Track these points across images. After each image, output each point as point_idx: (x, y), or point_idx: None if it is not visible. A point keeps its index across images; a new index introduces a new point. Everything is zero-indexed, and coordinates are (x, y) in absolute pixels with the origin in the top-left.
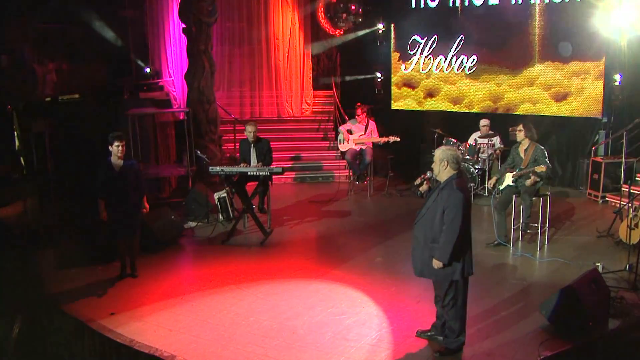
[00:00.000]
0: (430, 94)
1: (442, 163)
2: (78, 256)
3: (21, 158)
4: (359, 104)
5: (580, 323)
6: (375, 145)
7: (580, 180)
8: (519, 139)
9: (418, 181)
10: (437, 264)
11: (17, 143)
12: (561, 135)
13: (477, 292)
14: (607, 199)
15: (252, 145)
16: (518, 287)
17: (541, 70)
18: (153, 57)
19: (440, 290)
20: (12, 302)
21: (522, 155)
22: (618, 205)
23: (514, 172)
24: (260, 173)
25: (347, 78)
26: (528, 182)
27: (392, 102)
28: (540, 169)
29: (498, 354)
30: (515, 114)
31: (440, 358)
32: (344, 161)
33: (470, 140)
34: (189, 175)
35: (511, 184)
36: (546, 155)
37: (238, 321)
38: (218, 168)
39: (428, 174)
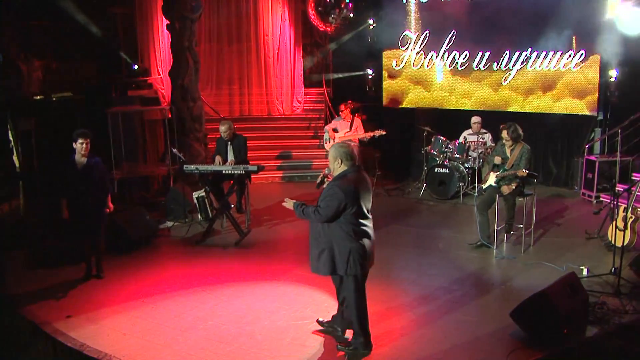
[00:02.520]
0: (421, 91)
1: (335, 161)
2: (47, 256)
3: (14, 157)
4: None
5: (553, 330)
6: (362, 142)
7: (575, 179)
8: (503, 140)
9: (319, 179)
10: (289, 203)
11: (11, 141)
12: (556, 133)
13: (450, 295)
14: (601, 199)
15: (229, 142)
16: (494, 290)
17: (534, 66)
18: (142, 55)
19: (335, 285)
20: None
21: (508, 154)
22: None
23: (498, 173)
24: (235, 172)
25: (339, 75)
26: (505, 188)
27: (384, 99)
28: (522, 173)
29: None
30: (508, 111)
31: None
32: None
33: (461, 138)
34: (170, 174)
35: (494, 184)
36: (530, 156)
37: (196, 325)
38: (192, 166)
39: (326, 171)
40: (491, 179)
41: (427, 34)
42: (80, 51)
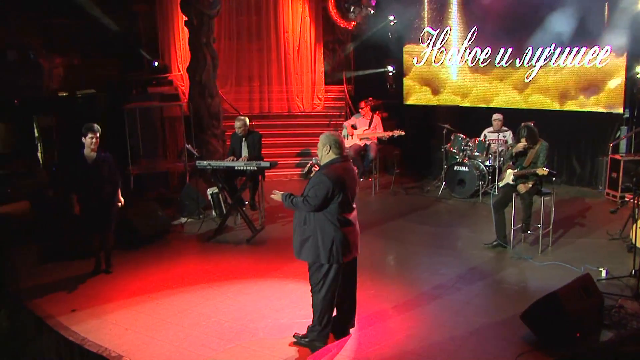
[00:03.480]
0: (441, 88)
1: (324, 148)
2: (58, 251)
3: (39, 153)
4: (370, 98)
5: (564, 334)
6: (380, 141)
7: (599, 179)
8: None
9: (306, 169)
10: (277, 195)
11: (37, 138)
12: (580, 132)
13: (461, 295)
14: (626, 199)
15: (243, 139)
16: (507, 291)
17: (558, 62)
18: (163, 52)
19: (310, 270)
20: None
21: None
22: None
23: (515, 170)
24: (248, 168)
25: (361, 72)
26: (522, 187)
27: (404, 97)
28: (542, 171)
29: None
30: (531, 109)
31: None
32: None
33: (481, 136)
34: (186, 171)
35: (511, 182)
36: (548, 153)
37: (199, 322)
38: (205, 162)
39: (313, 160)
40: (508, 177)
41: (449, 30)
42: (102, 48)
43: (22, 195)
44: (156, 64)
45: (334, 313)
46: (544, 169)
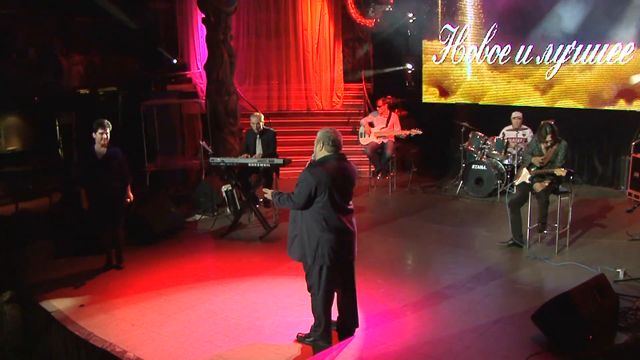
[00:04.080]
0: (461, 86)
1: (318, 144)
2: (71, 246)
3: (60, 150)
4: (389, 96)
5: (576, 336)
6: (398, 139)
7: (621, 179)
8: (546, 141)
9: (307, 165)
10: (268, 194)
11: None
12: (601, 130)
13: (472, 294)
14: None
15: (258, 136)
16: (521, 292)
17: (580, 60)
18: (182, 49)
19: (304, 270)
20: None
21: (543, 150)
22: None
23: (533, 169)
24: (261, 164)
25: (380, 70)
26: (537, 185)
27: (423, 95)
28: (561, 172)
29: None
30: (551, 107)
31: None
32: None
33: (500, 135)
34: (202, 168)
35: (527, 181)
36: (566, 153)
37: (205, 318)
38: (218, 159)
39: (312, 157)
40: (524, 176)
41: (468, 28)
42: (122, 46)
43: (43, 192)
44: (175, 61)
45: (336, 313)
46: (562, 169)
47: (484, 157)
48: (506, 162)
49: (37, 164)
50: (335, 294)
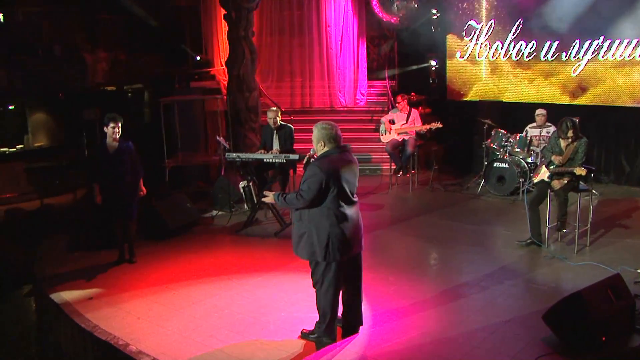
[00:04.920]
0: (484, 83)
1: (318, 144)
2: (86, 240)
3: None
4: (412, 93)
5: (589, 337)
6: (421, 136)
7: None
8: (567, 137)
9: (305, 159)
10: (270, 197)
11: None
12: (629, 128)
13: (485, 294)
14: None
15: (275, 131)
16: (535, 292)
17: (607, 56)
18: (206, 46)
19: (310, 266)
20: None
21: (562, 147)
22: None
23: (552, 167)
24: (277, 160)
25: (404, 68)
26: (556, 183)
27: (447, 92)
28: (580, 171)
29: None
30: (577, 104)
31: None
32: None
33: (524, 132)
34: (222, 164)
35: (546, 179)
36: (587, 150)
37: (211, 313)
38: (234, 154)
39: (311, 151)
40: (543, 173)
41: (493, 23)
42: (147, 44)
43: (68, 188)
44: (198, 58)
45: (340, 310)
46: (582, 168)
47: (506, 154)
48: (529, 159)
49: (63, 160)
50: (341, 290)
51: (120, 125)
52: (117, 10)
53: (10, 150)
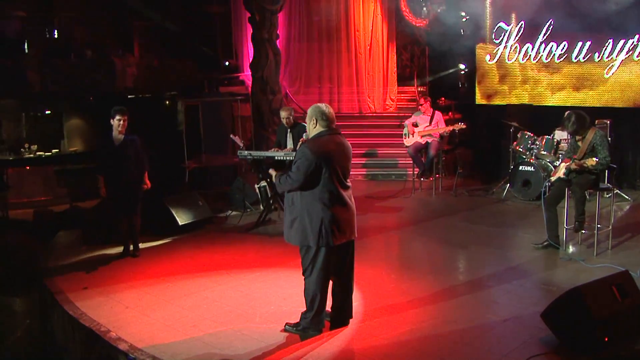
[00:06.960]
0: (513, 86)
1: (311, 121)
2: (98, 235)
3: None
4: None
5: (589, 337)
6: (447, 140)
7: None
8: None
9: (299, 145)
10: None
11: None
12: None
13: (488, 293)
14: None
15: (289, 130)
16: (542, 292)
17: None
18: (236, 52)
19: (300, 253)
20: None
21: (579, 143)
22: None
23: (568, 164)
24: (288, 158)
25: (434, 72)
26: (574, 165)
27: (477, 96)
28: (591, 162)
29: None
30: (610, 107)
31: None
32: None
33: (551, 136)
34: (242, 164)
35: (562, 176)
36: (605, 143)
37: (200, 305)
38: (246, 152)
39: (304, 136)
40: (560, 171)
41: (523, 25)
42: (179, 50)
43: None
44: (227, 64)
45: (329, 301)
46: (593, 159)
47: (533, 158)
48: (556, 163)
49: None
50: (331, 280)
51: (126, 118)
52: (151, 17)
53: (47, 154)
